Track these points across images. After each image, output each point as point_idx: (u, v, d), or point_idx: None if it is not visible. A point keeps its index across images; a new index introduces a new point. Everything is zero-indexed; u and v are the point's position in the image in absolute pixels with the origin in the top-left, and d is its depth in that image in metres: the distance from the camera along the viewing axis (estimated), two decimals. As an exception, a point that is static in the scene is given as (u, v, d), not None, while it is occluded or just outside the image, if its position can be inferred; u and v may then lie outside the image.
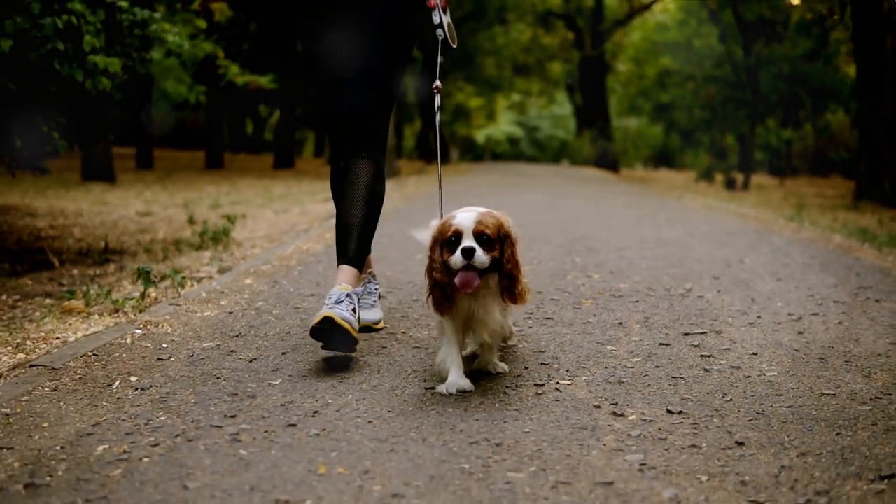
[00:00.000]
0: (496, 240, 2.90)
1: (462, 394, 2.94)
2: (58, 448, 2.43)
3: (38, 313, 4.81)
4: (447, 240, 2.91)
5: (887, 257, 6.96)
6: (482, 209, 2.96)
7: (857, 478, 2.26)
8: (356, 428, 2.61)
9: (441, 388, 2.97)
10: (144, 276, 4.80)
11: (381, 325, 3.94)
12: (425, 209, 9.35)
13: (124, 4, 6.75)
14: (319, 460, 2.34)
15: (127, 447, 2.43)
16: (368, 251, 3.84)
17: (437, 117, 3.64)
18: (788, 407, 2.84)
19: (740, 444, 2.49)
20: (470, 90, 39.86)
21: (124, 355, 3.46)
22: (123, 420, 2.67)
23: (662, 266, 5.91)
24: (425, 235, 3.17)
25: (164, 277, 5.23)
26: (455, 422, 2.66)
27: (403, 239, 6.69)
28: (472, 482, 2.21)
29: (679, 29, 33.35)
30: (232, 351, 3.53)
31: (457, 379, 2.98)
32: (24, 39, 6.24)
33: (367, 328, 3.86)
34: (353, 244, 3.66)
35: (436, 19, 3.76)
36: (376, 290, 4.05)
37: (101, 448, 2.43)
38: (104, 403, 2.85)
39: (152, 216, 10.50)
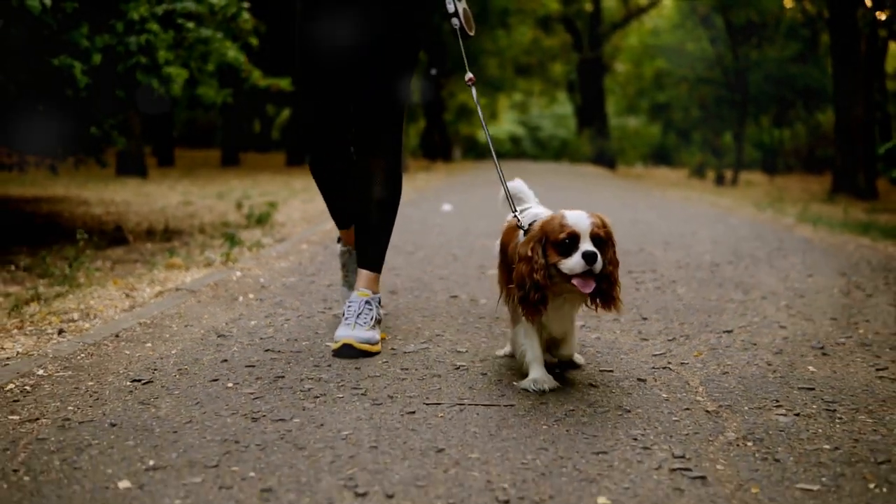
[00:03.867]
0: (605, 242, 2.76)
1: (550, 391, 2.89)
2: (223, 324, 3.95)
3: (137, 272, 6.28)
4: (559, 241, 2.71)
5: (819, 232, 8.48)
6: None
7: (710, 332, 3.79)
8: (408, 312, 4.15)
9: (526, 385, 2.91)
10: (230, 238, 6.33)
11: (377, 347, 3.47)
12: (434, 199, 10.97)
13: (191, 25, 8.23)
14: (389, 323, 3.89)
15: (270, 321, 3.96)
16: (384, 252, 3.77)
17: (479, 111, 3.56)
18: (683, 304, 4.39)
19: (644, 318, 4.04)
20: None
21: (236, 285, 4.97)
22: (258, 312, 4.19)
23: (629, 237, 7.44)
24: (449, 207, 4.04)
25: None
26: (469, 308, 4.18)
27: (420, 217, 8.26)
28: (485, 329, 3.76)
29: (673, 32, 34.70)
30: (312, 282, 5.06)
31: (542, 375, 2.92)
32: (110, 54, 7.68)
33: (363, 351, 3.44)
34: (373, 249, 3.70)
35: (450, 8, 3.55)
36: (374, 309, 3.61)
37: (252, 322, 3.96)
38: (238, 307, 4.36)
39: (193, 205, 11.93)
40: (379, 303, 3.61)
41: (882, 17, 18.59)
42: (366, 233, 3.71)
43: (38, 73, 7.17)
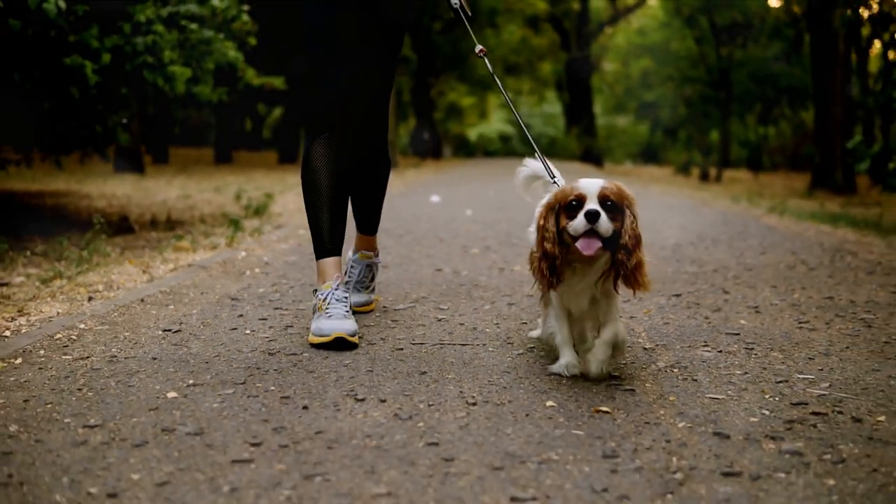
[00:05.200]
0: (620, 209, 2.67)
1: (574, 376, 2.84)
2: (235, 291, 4.48)
3: (146, 256, 6.80)
4: (567, 204, 2.66)
5: (784, 221, 9.05)
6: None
7: (660, 296, 4.35)
8: (398, 282, 4.69)
9: (557, 369, 2.87)
10: (234, 223, 6.85)
11: (373, 306, 4.02)
12: (423, 192, 11.51)
13: (194, 26, 8.74)
14: (381, 290, 4.43)
15: (276, 288, 4.50)
16: (380, 216, 4.08)
17: (498, 81, 3.64)
18: (642, 275, 4.93)
19: (606, 285, 4.57)
20: (462, 89, 41.73)
21: (242, 263, 5.51)
22: (264, 282, 4.73)
23: (604, 223, 7.99)
24: (437, 198, 4.21)
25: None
26: (452, 279, 4.73)
27: (410, 207, 8.79)
28: (464, 294, 4.31)
29: (659, 32, 35.32)
30: (311, 259, 5.55)
31: (571, 359, 2.86)
32: (118, 54, 8.19)
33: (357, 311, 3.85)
34: (371, 217, 4.02)
35: None
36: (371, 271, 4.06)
37: (260, 290, 4.50)
38: (246, 279, 4.89)
39: (192, 198, 12.44)
40: (378, 262, 4.07)
41: (865, 14, 19.07)
42: (365, 201, 3.96)
43: (53, 71, 7.65)
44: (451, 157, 40.08)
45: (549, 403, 2.57)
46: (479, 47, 3.59)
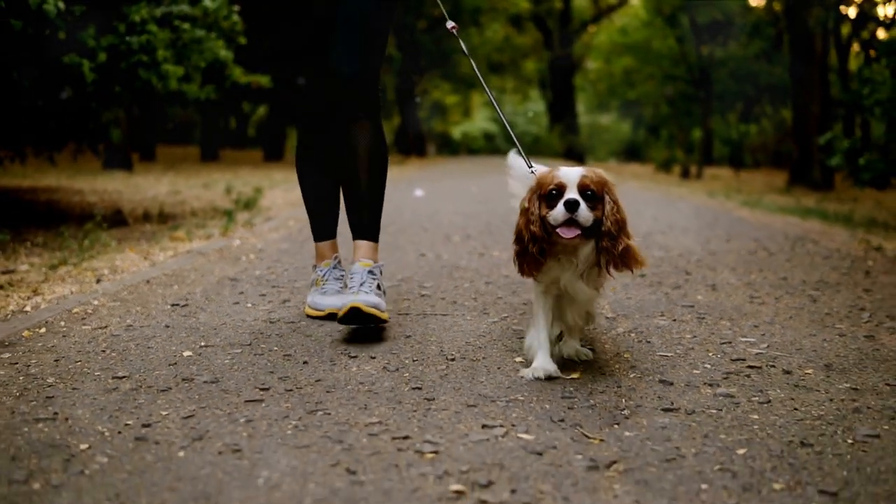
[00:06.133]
0: (600, 197, 2.66)
1: (549, 379, 2.72)
2: (233, 273, 4.82)
3: (144, 246, 7.12)
4: (547, 193, 2.65)
5: (755, 213, 9.44)
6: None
7: (625, 276, 4.71)
8: (387, 262, 5.05)
9: (527, 374, 2.75)
10: (229, 215, 7.19)
11: (387, 315, 3.27)
12: (407, 187, 11.88)
13: (186, 26, 9.07)
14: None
15: (271, 270, 4.85)
16: (380, 219, 3.68)
17: (473, 63, 3.51)
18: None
19: (577, 267, 4.94)
20: (446, 87, 42.05)
21: (237, 250, 5.85)
22: (260, 266, 5.08)
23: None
24: (421, 192, 4.26)
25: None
26: (434, 262, 5.08)
27: (395, 201, 9.15)
28: (446, 275, 4.67)
29: (641, 30, 35.71)
30: (303, 245, 5.95)
31: (543, 363, 2.76)
32: (114, 53, 8.50)
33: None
34: (367, 217, 3.58)
35: None
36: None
37: (257, 272, 4.84)
38: (243, 263, 5.24)
39: (182, 194, 12.73)
40: (381, 273, 3.44)
41: (845, 11, 19.43)
42: (358, 201, 3.59)
43: (51, 69, 7.95)
44: (434, 155, 40.40)
45: (518, 359, 2.94)
46: (450, 23, 3.48)
